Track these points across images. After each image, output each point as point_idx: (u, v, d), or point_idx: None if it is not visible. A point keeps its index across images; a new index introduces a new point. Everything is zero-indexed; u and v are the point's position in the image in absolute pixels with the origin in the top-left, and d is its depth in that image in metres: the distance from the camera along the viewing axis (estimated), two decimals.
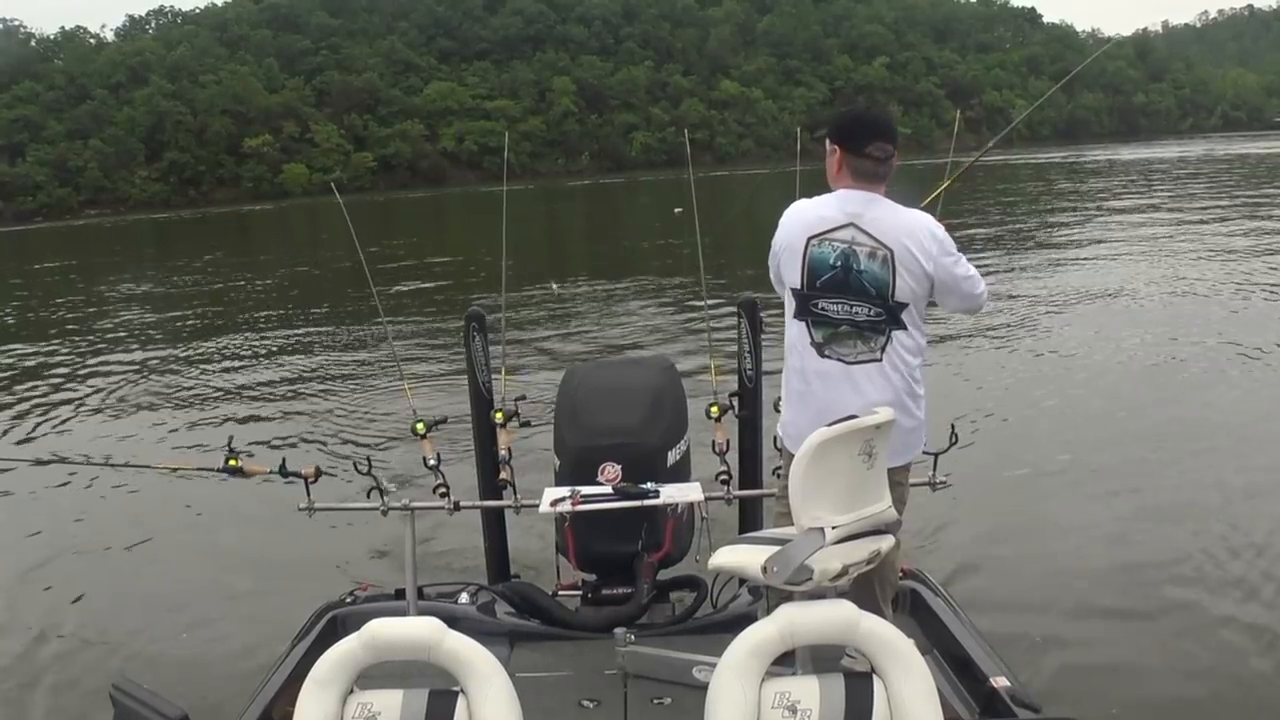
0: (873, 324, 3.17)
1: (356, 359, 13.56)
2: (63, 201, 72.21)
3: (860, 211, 3.17)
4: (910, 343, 3.21)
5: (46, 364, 14.71)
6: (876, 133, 3.24)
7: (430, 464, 4.05)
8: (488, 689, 2.30)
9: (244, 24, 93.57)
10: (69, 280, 27.68)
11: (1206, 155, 55.68)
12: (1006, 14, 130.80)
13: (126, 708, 2.37)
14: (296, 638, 3.85)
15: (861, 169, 3.22)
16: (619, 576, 4.06)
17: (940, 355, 11.00)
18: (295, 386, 12.15)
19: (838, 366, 3.20)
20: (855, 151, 3.21)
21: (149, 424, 10.69)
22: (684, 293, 16.36)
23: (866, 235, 3.15)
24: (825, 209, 3.23)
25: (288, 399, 11.52)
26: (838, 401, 3.12)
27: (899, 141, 3.31)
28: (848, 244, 3.16)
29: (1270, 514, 6.32)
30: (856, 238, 3.16)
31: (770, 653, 2.36)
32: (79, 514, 7.72)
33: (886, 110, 9.48)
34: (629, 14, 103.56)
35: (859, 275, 3.15)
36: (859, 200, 3.19)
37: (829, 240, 3.18)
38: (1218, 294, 14.25)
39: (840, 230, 3.17)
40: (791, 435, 3.28)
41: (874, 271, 3.15)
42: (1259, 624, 5.03)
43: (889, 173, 3.24)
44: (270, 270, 27.10)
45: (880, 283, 3.15)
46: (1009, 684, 3.19)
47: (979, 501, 6.62)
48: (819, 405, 3.17)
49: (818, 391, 3.23)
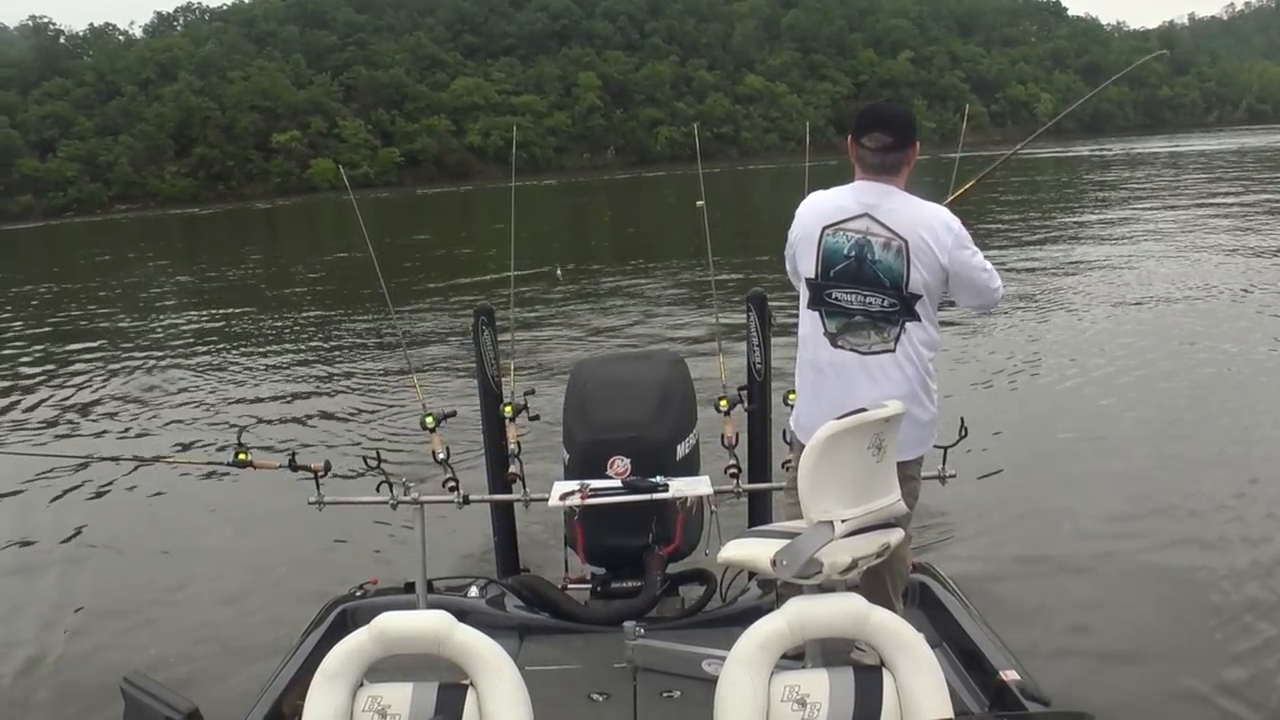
0: (886, 315, 3.16)
1: (369, 353, 13.60)
2: (93, 197, 72.81)
3: (876, 202, 3.17)
4: (924, 335, 3.19)
5: (63, 358, 14.80)
6: (874, 123, 3.23)
7: (439, 458, 4.05)
8: (497, 682, 2.31)
9: (271, 20, 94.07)
10: (95, 276, 27.89)
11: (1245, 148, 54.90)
12: (1031, 7, 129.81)
13: (137, 701, 2.37)
14: (306, 631, 3.86)
15: (863, 159, 3.22)
16: (628, 570, 4.07)
17: (960, 346, 10.96)
18: (306, 380, 12.21)
19: (852, 357, 3.19)
20: (857, 141, 3.22)
21: (161, 418, 10.74)
22: (694, 286, 16.34)
23: (881, 226, 3.14)
24: (841, 199, 3.23)
25: (298, 393, 11.56)
26: (852, 392, 3.12)
27: (915, 136, 3.27)
28: (862, 234, 3.16)
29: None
30: (871, 228, 3.15)
31: (779, 646, 2.36)
32: (89, 508, 7.76)
33: (904, 104, 9.36)
34: (654, 9, 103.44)
35: (873, 265, 3.15)
36: (875, 191, 3.19)
37: (843, 230, 3.18)
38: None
39: (855, 220, 3.17)
40: (804, 427, 3.27)
41: (888, 262, 3.14)
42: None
43: (897, 166, 3.22)
44: (293, 264, 27.30)
45: (894, 273, 3.14)
46: (1019, 677, 3.17)
47: (993, 493, 6.60)
48: (833, 396, 3.16)
49: (831, 382, 3.22)
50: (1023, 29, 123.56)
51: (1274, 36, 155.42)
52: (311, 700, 2.32)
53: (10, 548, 7.12)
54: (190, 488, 7.65)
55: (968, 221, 3.23)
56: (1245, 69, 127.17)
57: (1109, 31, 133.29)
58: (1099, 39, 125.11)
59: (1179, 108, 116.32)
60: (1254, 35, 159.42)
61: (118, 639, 5.54)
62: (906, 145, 3.23)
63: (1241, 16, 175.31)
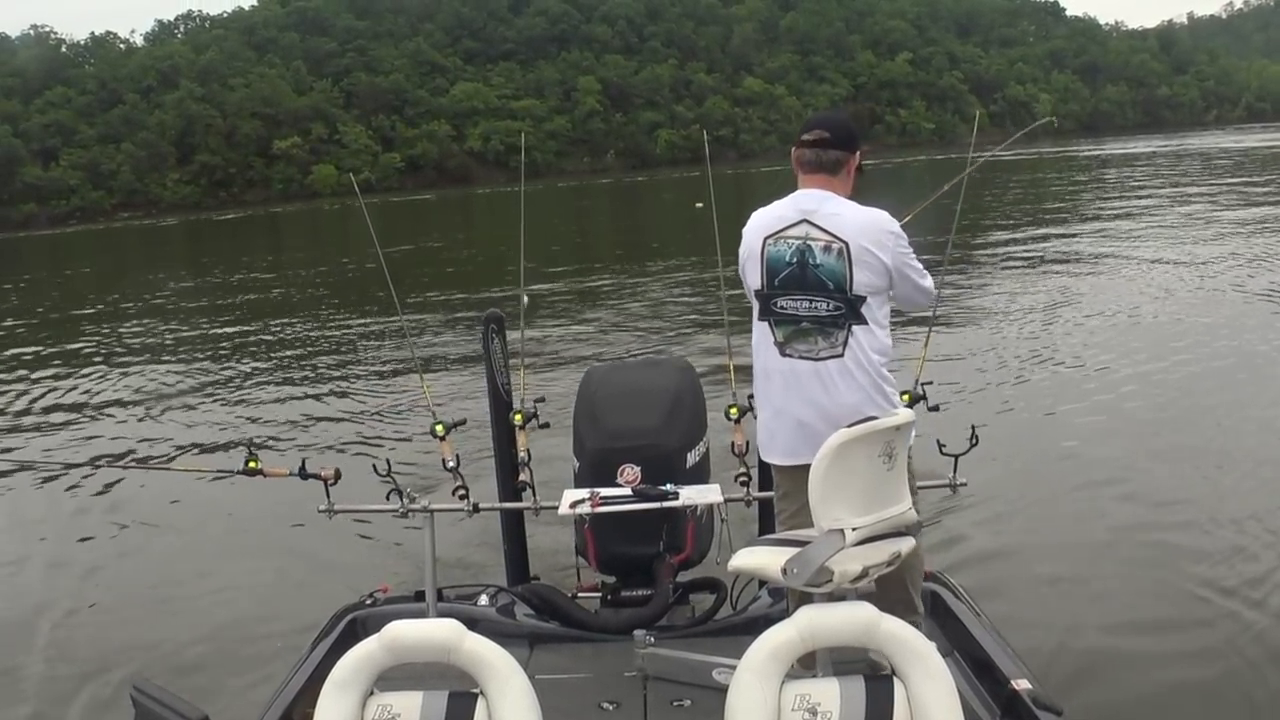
0: (833, 318, 3.17)
1: (377, 360, 13.59)
2: (96, 204, 73.03)
3: (814, 208, 3.20)
4: (873, 340, 3.20)
5: (71, 364, 14.84)
6: (812, 123, 3.31)
7: (449, 466, 4.03)
8: (507, 691, 2.31)
9: (271, 27, 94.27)
10: (99, 283, 27.95)
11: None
12: (1029, 8, 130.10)
13: (147, 709, 2.38)
14: (316, 639, 3.85)
15: (802, 158, 3.26)
16: (638, 578, 4.06)
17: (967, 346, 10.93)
18: (314, 387, 12.19)
19: (802, 364, 3.21)
20: (798, 144, 3.28)
21: (170, 426, 10.74)
22: (701, 291, 16.34)
23: (820, 230, 3.17)
24: (780, 209, 3.27)
25: (306, 400, 11.55)
26: (801, 399, 3.16)
27: (857, 144, 3.29)
28: (802, 239, 3.19)
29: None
30: (811, 233, 3.18)
31: (790, 655, 2.36)
32: (96, 515, 7.77)
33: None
34: (652, 13, 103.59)
35: (815, 270, 3.17)
36: (813, 198, 3.23)
37: (784, 238, 3.21)
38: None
39: (794, 227, 3.20)
40: (763, 442, 3.32)
41: (830, 264, 3.16)
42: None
43: (836, 166, 3.24)
44: (297, 271, 27.28)
45: (837, 275, 3.15)
46: (1031, 686, 3.16)
47: (1003, 499, 6.59)
48: (786, 404, 3.20)
49: (781, 390, 3.23)
50: (1021, 29, 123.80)
51: (1274, 35, 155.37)
52: (321, 708, 2.31)
53: (18, 554, 7.12)
54: (199, 495, 7.60)
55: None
56: (1244, 67, 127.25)
57: (1107, 31, 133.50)
58: (1097, 39, 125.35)
59: (1178, 107, 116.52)
60: (1254, 34, 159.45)
61: (126, 646, 5.53)
62: (845, 145, 3.24)
63: (1241, 15, 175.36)
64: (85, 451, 9.85)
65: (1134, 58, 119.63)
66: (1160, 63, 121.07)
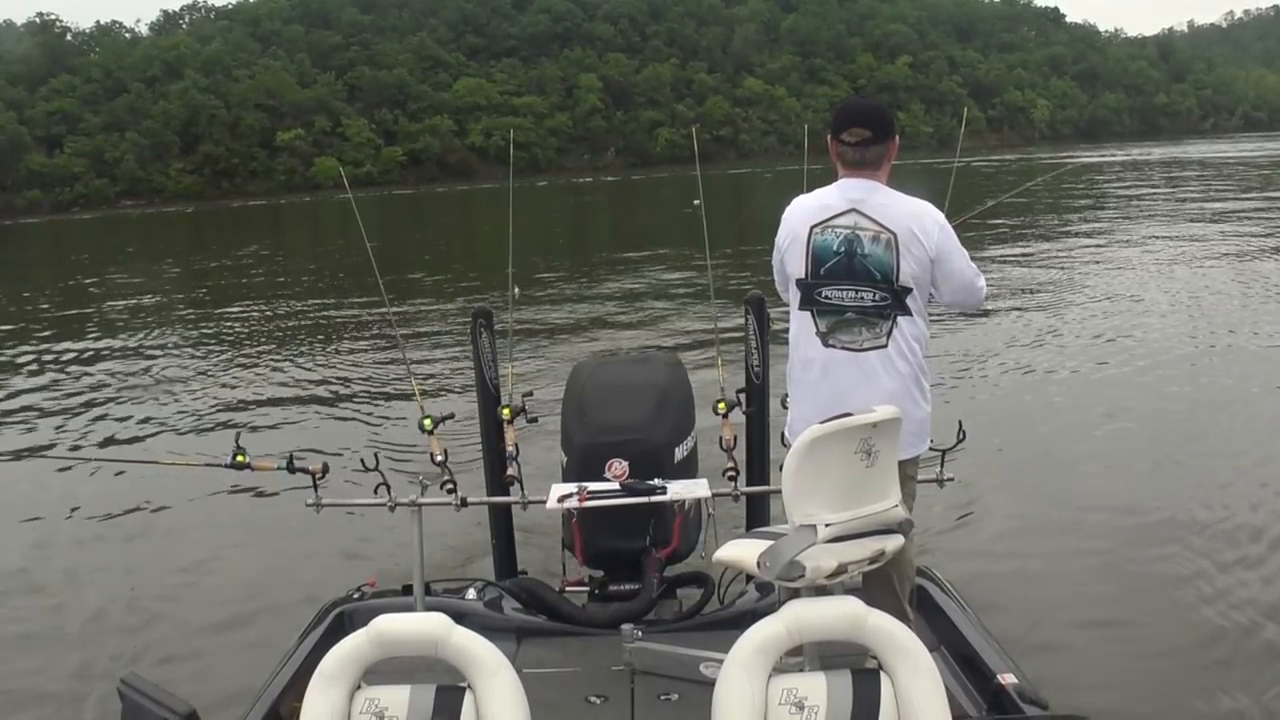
0: (879, 309, 3.16)
1: (367, 354, 13.52)
2: (99, 193, 72.98)
3: (863, 197, 3.18)
4: (915, 330, 3.20)
5: (61, 356, 14.72)
6: (851, 119, 3.25)
7: (437, 460, 4.01)
8: (495, 684, 2.31)
9: (276, 20, 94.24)
10: (99, 271, 27.82)
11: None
12: (1029, 13, 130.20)
13: (134, 703, 2.37)
14: (304, 633, 3.85)
15: (844, 155, 3.24)
16: (626, 572, 4.06)
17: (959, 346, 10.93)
18: (305, 381, 12.14)
19: (844, 355, 3.19)
20: (837, 139, 3.24)
21: (156, 418, 10.63)
22: (693, 288, 16.33)
23: (869, 220, 3.15)
24: (827, 198, 3.24)
25: (296, 394, 11.50)
26: (846, 391, 3.12)
27: (894, 130, 3.28)
28: (851, 229, 3.17)
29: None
30: (860, 223, 3.16)
31: (777, 649, 2.36)
32: (83, 509, 7.65)
33: (875, 99, 9.24)
34: (655, 12, 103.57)
35: (864, 260, 3.15)
36: (860, 188, 3.20)
37: (832, 227, 3.18)
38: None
39: (843, 216, 3.18)
40: (798, 432, 3.25)
41: (878, 255, 3.14)
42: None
43: (878, 160, 3.23)
44: (294, 263, 27.26)
45: (885, 266, 3.14)
46: (1017, 681, 3.18)
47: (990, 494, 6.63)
48: (827, 395, 3.15)
49: (822, 380, 3.21)
50: (1021, 35, 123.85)
51: (1272, 44, 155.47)
52: (309, 702, 2.31)
53: (4, 549, 7.02)
54: (186, 489, 7.55)
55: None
56: (1241, 76, 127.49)
57: (1106, 38, 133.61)
58: (1096, 46, 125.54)
59: (1175, 114, 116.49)
60: (1253, 43, 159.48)
61: (113, 640, 5.50)
62: (885, 139, 3.23)
63: (1240, 24, 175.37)
64: (68, 444, 9.73)
65: (1132, 65, 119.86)
66: (1158, 70, 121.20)
